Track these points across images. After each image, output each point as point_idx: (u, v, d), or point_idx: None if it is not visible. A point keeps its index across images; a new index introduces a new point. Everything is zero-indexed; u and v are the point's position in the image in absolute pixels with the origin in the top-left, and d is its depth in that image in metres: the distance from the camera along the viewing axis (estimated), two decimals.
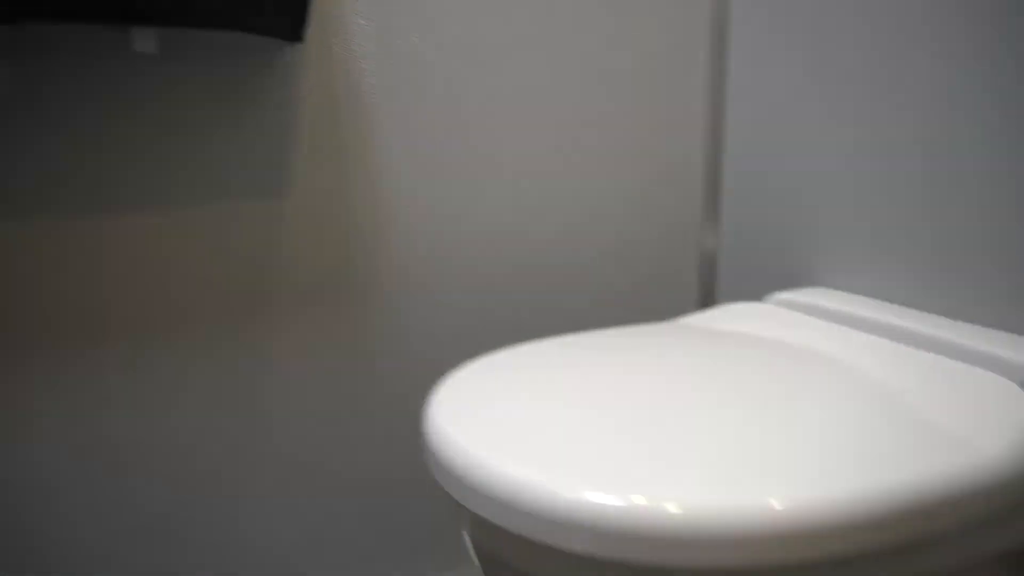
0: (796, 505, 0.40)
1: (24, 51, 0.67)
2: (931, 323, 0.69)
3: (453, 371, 0.61)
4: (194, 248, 0.76)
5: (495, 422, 0.50)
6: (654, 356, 0.63)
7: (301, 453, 0.85)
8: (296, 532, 0.86)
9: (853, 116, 0.81)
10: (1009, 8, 0.65)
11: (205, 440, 0.80)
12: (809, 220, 0.88)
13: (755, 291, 0.98)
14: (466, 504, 0.45)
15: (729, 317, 0.77)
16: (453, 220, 0.89)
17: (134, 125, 0.72)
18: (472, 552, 0.51)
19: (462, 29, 0.85)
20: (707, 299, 1.07)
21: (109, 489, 0.76)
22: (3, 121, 0.68)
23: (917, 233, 0.75)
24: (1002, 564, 0.51)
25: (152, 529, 0.78)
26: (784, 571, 0.40)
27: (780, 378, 0.58)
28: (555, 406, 0.52)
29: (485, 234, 0.91)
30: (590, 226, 0.97)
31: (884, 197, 0.78)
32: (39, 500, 0.73)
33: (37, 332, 0.71)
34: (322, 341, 0.84)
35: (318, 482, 0.87)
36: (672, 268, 1.04)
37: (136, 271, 0.74)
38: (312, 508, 0.87)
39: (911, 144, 0.75)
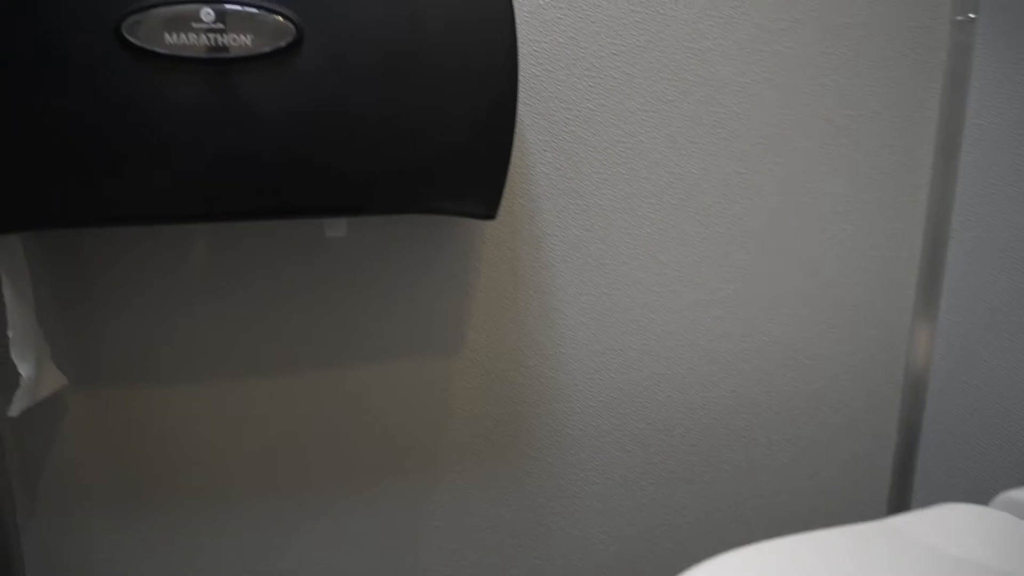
0: None
1: (224, 242, 0.69)
2: None
3: None
4: (366, 403, 0.77)
5: None
6: None
7: None
8: None
9: None
10: None
11: None
12: None
13: (967, 435, 0.86)
14: None
15: (949, 529, 0.66)
16: (629, 386, 0.84)
17: (321, 298, 0.73)
18: None
19: (651, 190, 0.81)
20: (910, 440, 0.97)
21: None
22: (200, 301, 0.70)
23: None
24: None
25: None
26: None
27: None
28: None
29: (666, 395, 0.87)
30: (786, 359, 0.91)
31: None
32: None
33: (238, 478, 0.75)
34: (481, 503, 0.83)
35: None
36: (875, 393, 0.96)
37: (307, 424, 0.76)
38: None
39: None
